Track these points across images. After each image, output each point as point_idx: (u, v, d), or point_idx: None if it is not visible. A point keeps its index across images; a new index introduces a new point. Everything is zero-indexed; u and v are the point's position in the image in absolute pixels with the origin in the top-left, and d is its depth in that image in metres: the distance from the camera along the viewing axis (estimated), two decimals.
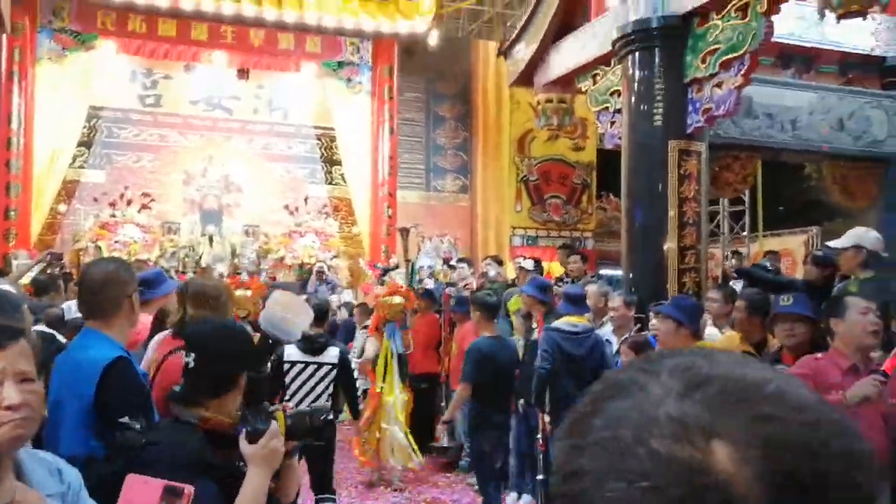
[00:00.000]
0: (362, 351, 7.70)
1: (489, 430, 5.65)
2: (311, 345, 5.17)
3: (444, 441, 7.72)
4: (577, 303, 5.64)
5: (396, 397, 6.93)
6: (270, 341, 2.41)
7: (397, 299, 6.97)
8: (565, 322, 5.41)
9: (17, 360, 1.59)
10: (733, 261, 6.68)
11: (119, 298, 2.74)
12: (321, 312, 5.27)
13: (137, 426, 2.34)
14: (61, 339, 4.29)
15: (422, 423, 7.48)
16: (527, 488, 6.30)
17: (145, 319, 4.06)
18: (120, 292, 2.74)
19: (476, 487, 6.31)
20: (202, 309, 3.32)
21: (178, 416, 2.21)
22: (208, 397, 2.19)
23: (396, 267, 9.94)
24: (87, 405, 2.50)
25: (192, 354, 2.23)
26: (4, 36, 11.09)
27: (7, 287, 4.22)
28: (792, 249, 11.26)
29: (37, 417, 1.65)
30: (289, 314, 2.41)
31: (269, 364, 2.44)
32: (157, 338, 3.60)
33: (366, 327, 8.24)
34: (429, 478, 7.27)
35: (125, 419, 2.35)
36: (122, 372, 2.54)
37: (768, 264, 7.33)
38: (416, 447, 6.96)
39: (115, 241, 11.85)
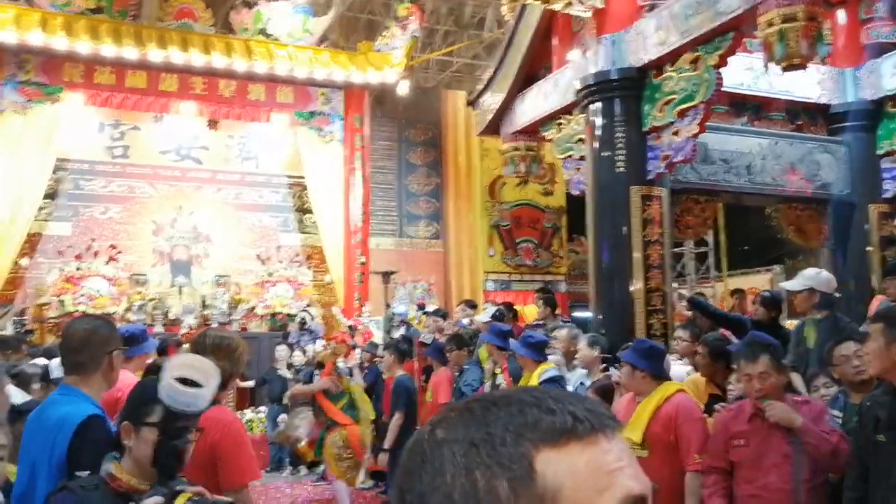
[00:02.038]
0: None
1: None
2: None
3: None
4: (534, 348, 5.54)
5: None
6: (172, 412, 2.22)
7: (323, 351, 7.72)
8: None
9: None
10: (684, 303, 6.90)
11: (99, 356, 2.74)
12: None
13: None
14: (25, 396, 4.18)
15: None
16: None
17: (129, 377, 4.12)
18: (100, 350, 2.75)
19: None
20: (222, 359, 3.16)
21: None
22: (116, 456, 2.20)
23: (439, 311, 10.04)
24: (58, 462, 2.49)
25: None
26: None
27: None
28: (758, 288, 11.52)
29: None
30: (196, 381, 2.25)
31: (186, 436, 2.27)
32: None
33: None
34: None
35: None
36: (95, 429, 2.52)
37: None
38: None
39: (80, 295, 11.64)
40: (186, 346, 6.74)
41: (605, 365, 5.57)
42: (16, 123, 11.91)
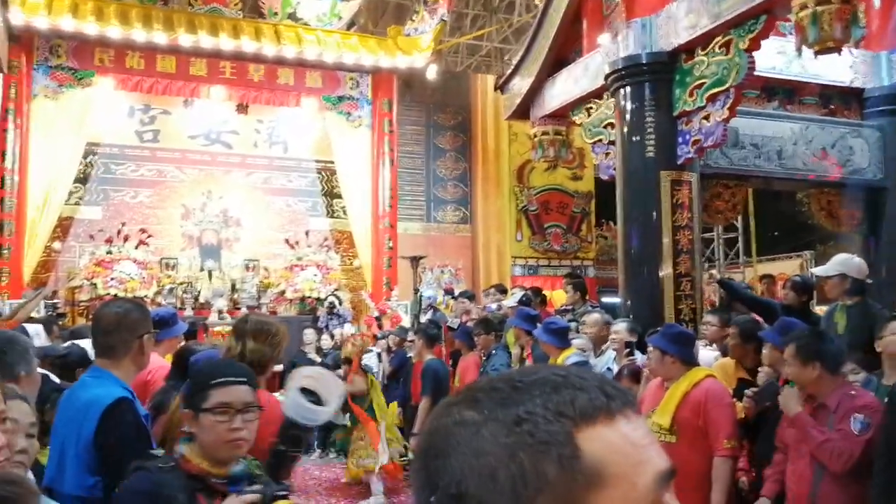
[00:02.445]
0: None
1: None
2: None
3: None
4: (557, 335, 5.59)
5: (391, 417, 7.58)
6: (295, 425, 2.26)
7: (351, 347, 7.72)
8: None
9: None
10: (714, 283, 6.90)
11: (129, 339, 2.76)
12: None
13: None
14: (55, 379, 4.25)
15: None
16: None
17: (158, 360, 4.17)
18: (131, 333, 2.77)
19: None
20: (262, 344, 3.28)
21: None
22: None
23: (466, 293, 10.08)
24: (86, 444, 2.51)
25: None
26: (0, 75, 11.12)
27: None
28: (787, 274, 11.43)
29: (11, 455, 1.73)
30: (318, 394, 2.26)
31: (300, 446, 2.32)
32: None
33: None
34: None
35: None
36: (124, 413, 2.54)
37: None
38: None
39: (111, 279, 11.72)
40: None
41: (628, 350, 5.57)
42: (48, 108, 12.02)
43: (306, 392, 2.26)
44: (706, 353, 5.50)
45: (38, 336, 4.30)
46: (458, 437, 0.71)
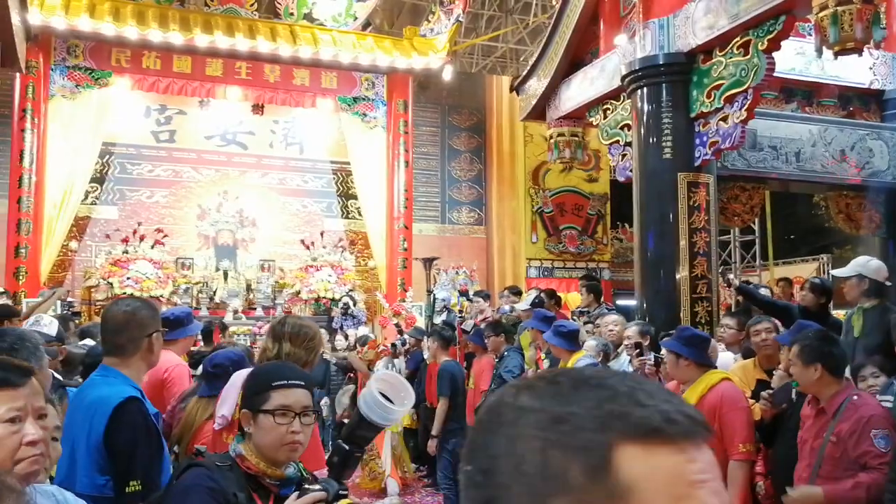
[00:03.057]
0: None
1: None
2: None
3: None
4: (567, 337, 5.57)
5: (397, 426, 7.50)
6: (364, 420, 2.24)
7: (370, 353, 7.63)
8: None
9: (33, 397, 1.67)
10: (731, 289, 6.86)
11: (138, 338, 2.76)
12: None
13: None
14: (58, 377, 4.20)
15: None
16: None
17: (174, 359, 4.16)
18: (140, 332, 2.77)
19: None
20: (298, 347, 3.27)
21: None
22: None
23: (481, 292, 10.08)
24: (96, 443, 2.52)
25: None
26: (18, 74, 11.17)
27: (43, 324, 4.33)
28: (803, 278, 11.36)
29: (48, 452, 1.74)
30: (391, 399, 2.25)
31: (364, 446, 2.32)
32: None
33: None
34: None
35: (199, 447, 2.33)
36: (133, 412, 2.54)
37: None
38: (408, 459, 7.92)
39: (127, 278, 11.72)
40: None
41: (638, 350, 5.52)
42: (65, 108, 12.06)
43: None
44: (725, 356, 5.46)
45: (49, 326, 4.30)
46: (505, 417, 0.71)
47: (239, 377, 2.67)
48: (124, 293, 11.08)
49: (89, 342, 4.93)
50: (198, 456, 2.23)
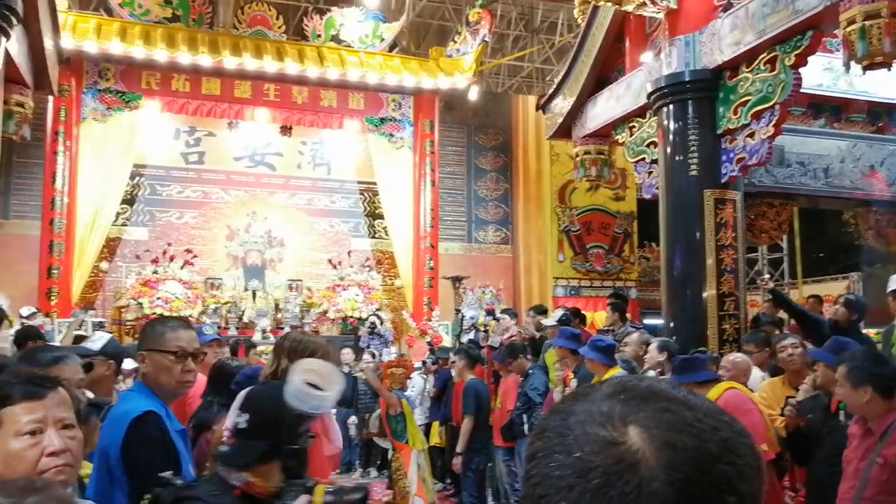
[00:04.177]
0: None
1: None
2: None
3: None
4: (604, 352, 5.53)
5: (423, 444, 7.39)
6: (297, 415, 2.23)
7: (399, 369, 7.40)
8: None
9: (56, 408, 1.68)
10: (767, 294, 6.81)
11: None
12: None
13: (178, 482, 2.26)
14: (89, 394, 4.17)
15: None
16: None
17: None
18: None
19: None
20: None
21: (222, 476, 2.18)
22: (254, 462, 2.15)
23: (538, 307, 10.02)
24: (114, 457, 2.53)
25: (246, 415, 2.18)
26: (51, 98, 11.35)
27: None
28: (833, 296, 11.22)
29: (77, 463, 1.74)
30: (318, 385, 2.25)
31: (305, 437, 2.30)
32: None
33: None
34: None
35: (166, 474, 2.25)
36: (148, 425, 2.55)
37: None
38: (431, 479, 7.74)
39: (157, 298, 11.85)
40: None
41: (660, 371, 5.50)
42: (97, 130, 12.25)
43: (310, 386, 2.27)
44: (754, 374, 5.39)
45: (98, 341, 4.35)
46: (555, 424, 0.74)
47: (243, 394, 2.68)
48: (154, 314, 11.18)
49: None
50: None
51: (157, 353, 2.75)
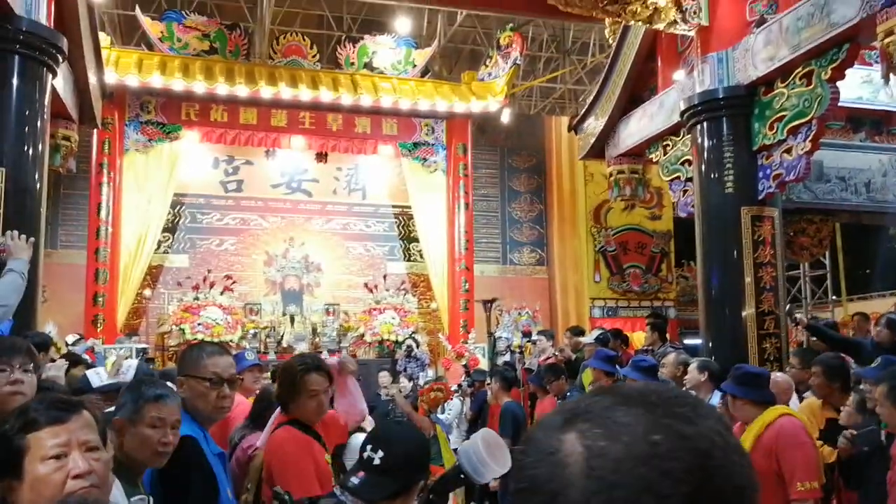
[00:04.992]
0: None
1: None
2: None
3: None
4: (647, 372, 5.52)
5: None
6: (462, 476, 2.22)
7: (439, 393, 7.48)
8: None
9: (80, 431, 1.71)
10: (800, 326, 6.68)
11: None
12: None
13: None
14: None
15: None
16: None
17: (237, 397, 4.24)
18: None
19: None
20: (280, 387, 3.36)
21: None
22: (385, 498, 2.18)
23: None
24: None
25: (380, 451, 2.21)
26: (95, 131, 11.64)
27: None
28: (881, 313, 10.99)
29: (105, 484, 1.75)
30: (492, 459, 2.20)
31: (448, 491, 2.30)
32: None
33: None
34: None
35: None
36: (186, 449, 2.58)
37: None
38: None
39: (198, 324, 12.05)
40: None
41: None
42: (139, 162, 12.56)
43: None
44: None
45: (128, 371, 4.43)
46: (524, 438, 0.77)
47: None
48: (195, 339, 11.32)
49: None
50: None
51: (194, 380, 2.79)
